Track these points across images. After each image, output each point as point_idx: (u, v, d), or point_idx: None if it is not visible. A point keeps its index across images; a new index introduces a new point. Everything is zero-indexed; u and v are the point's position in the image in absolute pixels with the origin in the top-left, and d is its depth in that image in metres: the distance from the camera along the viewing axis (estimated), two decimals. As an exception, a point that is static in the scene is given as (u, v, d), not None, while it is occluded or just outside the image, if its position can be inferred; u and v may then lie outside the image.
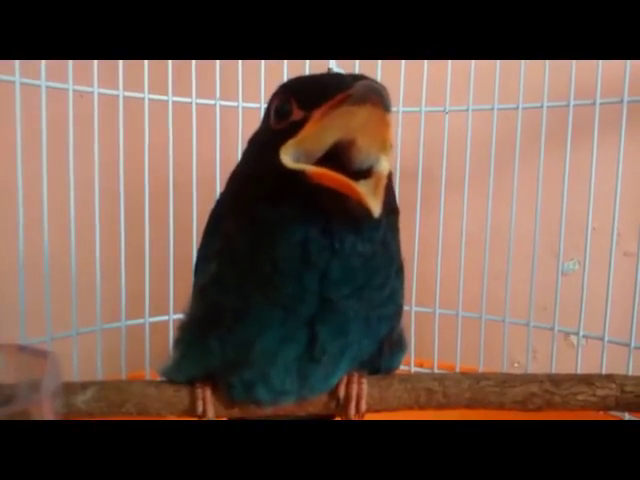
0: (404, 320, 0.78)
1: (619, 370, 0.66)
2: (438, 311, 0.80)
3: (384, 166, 0.38)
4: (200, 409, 0.46)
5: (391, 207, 0.43)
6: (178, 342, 0.47)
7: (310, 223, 0.38)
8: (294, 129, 0.39)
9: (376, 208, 0.36)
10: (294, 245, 0.39)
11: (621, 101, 0.67)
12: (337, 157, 0.38)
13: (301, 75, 0.45)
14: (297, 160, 0.38)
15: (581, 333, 0.72)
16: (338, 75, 0.43)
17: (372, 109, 0.35)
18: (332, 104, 0.37)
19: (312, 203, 0.38)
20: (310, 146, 0.38)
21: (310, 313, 0.41)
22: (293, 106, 0.40)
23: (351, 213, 0.37)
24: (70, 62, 0.65)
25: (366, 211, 0.36)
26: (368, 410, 0.47)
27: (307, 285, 0.40)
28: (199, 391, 0.46)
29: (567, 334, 0.82)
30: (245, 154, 0.46)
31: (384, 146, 0.38)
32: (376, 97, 0.35)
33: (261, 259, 0.40)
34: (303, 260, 0.39)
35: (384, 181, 0.38)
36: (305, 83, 0.42)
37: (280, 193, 0.39)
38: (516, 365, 0.92)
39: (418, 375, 0.49)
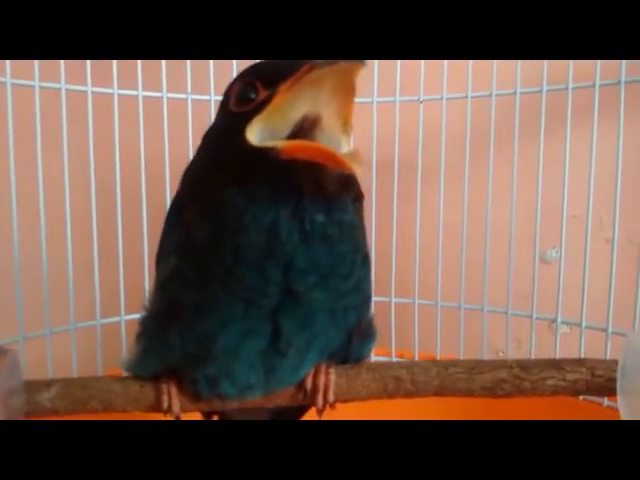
0: (383, 311, 0.79)
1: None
2: (417, 302, 0.79)
3: (345, 148, 0.38)
4: (165, 404, 0.45)
5: (355, 193, 0.42)
6: (139, 337, 0.46)
7: (281, 203, 0.38)
8: (259, 108, 0.38)
9: (358, 169, 0.36)
10: (263, 229, 0.38)
11: (593, 85, 0.66)
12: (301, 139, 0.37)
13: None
14: (262, 141, 0.38)
15: (559, 320, 0.71)
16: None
17: (345, 66, 0.34)
18: (299, 75, 0.36)
19: (284, 180, 0.37)
20: (276, 123, 0.38)
21: (273, 305, 0.40)
22: (258, 87, 0.40)
23: (325, 188, 0.37)
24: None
25: (341, 183, 0.37)
26: (337, 400, 0.46)
27: (270, 276, 0.39)
28: (164, 386, 0.46)
29: (551, 322, 0.82)
30: (201, 146, 0.45)
31: (346, 125, 0.38)
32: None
33: (224, 249, 0.39)
34: (270, 246, 0.38)
35: (358, 154, 0.37)
36: (268, 64, 0.42)
37: (248, 175, 0.38)
38: (501, 354, 0.91)
39: (386, 363, 0.48)
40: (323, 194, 0.38)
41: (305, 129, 0.37)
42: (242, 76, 0.42)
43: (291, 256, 0.38)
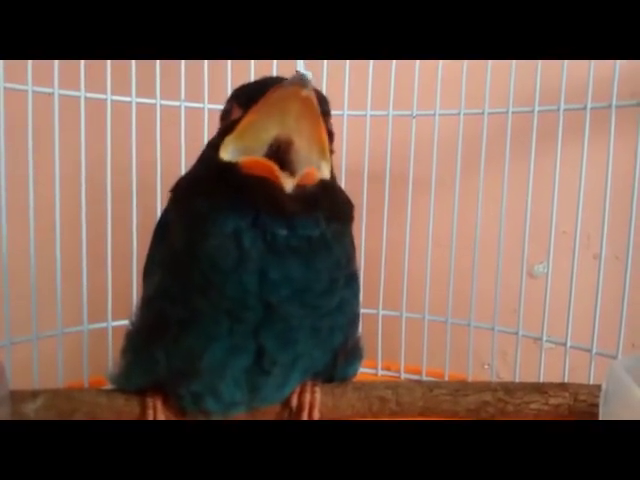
0: (370, 323, 0.79)
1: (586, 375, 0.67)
2: (405, 314, 0.80)
3: (324, 172, 0.41)
4: (151, 418, 0.45)
5: (336, 213, 0.43)
6: (125, 351, 0.46)
7: (241, 213, 0.39)
8: (233, 126, 0.41)
9: (288, 184, 0.38)
10: (227, 237, 0.39)
11: (584, 107, 0.67)
12: (281, 163, 0.39)
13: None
14: (233, 157, 0.40)
15: (544, 338, 0.72)
16: (279, 77, 0.43)
17: (298, 89, 0.36)
18: (265, 97, 0.38)
19: (242, 193, 0.39)
20: (247, 142, 0.40)
21: (255, 320, 0.40)
22: (234, 107, 0.43)
23: (279, 203, 0.39)
24: (29, 63, 0.64)
25: (301, 200, 0.39)
26: (321, 419, 0.46)
27: (246, 285, 0.39)
28: (149, 400, 0.46)
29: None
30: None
31: (324, 151, 0.40)
32: (301, 80, 0.36)
33: (198, 257, 0.40)
34: (238, 254, 0.39)
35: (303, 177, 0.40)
36: (245, 86, 0.45)
37: (216, 186, 0.40)
38: (486, 367, 0.92)
39: (372, 383, 0.49)
40: (279, 208, 0.39)
41: (281, 151, 0.39)
42: (230, 96, 0.44)
43: (261, 266, 0.39)
